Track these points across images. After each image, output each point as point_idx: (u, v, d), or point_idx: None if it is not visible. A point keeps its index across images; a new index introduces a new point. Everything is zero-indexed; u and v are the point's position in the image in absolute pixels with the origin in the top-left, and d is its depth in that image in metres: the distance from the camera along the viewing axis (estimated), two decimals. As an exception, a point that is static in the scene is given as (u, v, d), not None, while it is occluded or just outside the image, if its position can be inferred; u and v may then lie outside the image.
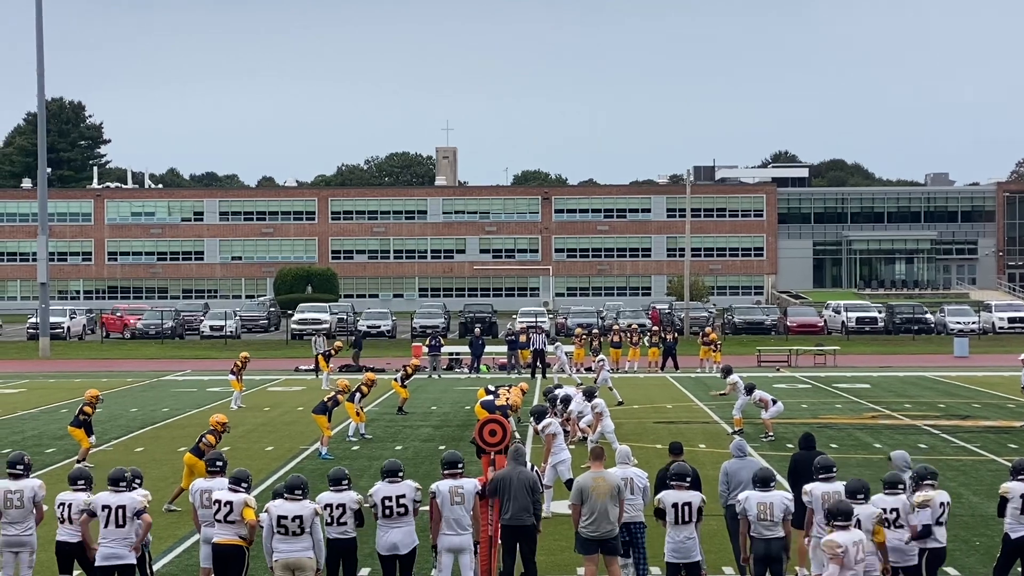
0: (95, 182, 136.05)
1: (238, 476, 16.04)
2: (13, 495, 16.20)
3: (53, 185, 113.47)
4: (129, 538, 15.84)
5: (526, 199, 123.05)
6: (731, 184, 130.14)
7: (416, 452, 30.90)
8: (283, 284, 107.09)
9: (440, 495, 16.25)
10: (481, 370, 56.71)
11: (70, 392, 47.41)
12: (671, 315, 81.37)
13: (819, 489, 16.33)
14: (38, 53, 70.51)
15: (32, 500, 16.36)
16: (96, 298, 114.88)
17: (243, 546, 15.81)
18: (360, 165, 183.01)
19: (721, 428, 35.84)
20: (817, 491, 16.32)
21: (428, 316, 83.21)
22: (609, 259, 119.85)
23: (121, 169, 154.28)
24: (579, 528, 16.94)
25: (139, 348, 74.12)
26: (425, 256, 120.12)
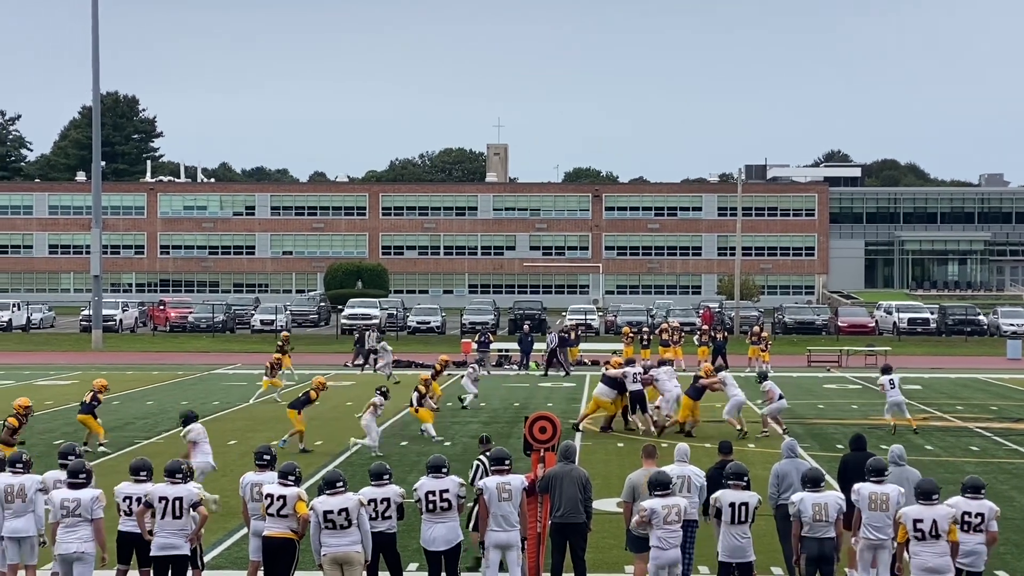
0: (148, 176, 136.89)
1: (286, 470, 16.10)
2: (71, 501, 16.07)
3: (107, 178, 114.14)
4: (184, 529, 15.93)
5: (576, 196, 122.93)
6: (783, 183, 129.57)
7: (465, 448, 30.93)
8: (333, 279, 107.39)
9: (488, 491, 16.26)
10: (530, 367, 56.69)
11: (122, 384, 47.73)
12: (721, 314, 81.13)
13: (867, 489, 16.28)
14: (94, 48, 70.94)
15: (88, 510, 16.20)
16: (148, 291, 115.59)
17: (294, 539, 15.88)
18: (413, 159, 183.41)
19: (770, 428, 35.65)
20: (865, 491, 16.27)
21: (478, 312, 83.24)
22: (659, 257, 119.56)
23: (174, 163, 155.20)
24: (630, 526, 16.90)
25: (190, 341, 74.52)
26: (475, 252, 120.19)
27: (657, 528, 16.07)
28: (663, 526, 16.05)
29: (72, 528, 15.84)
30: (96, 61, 71.29)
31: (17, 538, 16.32)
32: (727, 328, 70.03)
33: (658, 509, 16.08)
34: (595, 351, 60.49)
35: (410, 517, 17.98)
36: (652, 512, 16.08)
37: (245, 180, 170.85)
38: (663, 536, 16.07)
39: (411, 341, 73.09)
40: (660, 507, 16.09)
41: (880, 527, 16.32)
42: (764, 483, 18.81)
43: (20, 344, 72.69)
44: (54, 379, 50.97)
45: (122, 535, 16.42)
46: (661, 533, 16.07)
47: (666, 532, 16.07)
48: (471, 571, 17.83)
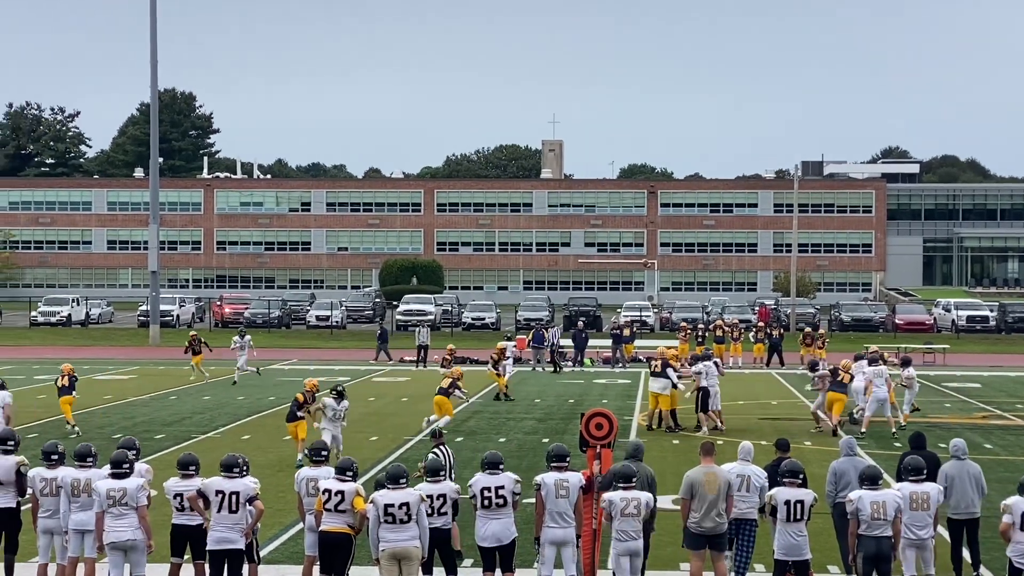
0: (205, 172, 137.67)
1: (344, 465, 16.15)
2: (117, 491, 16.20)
3: (164, 175, 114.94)
4: (241, 524, 16.00)
5: (631, 193, 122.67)
6: (840, 179, 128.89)
7: (520, 445, 30.93)
8: (389, 275, 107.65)
9: (545, 487, 16.26)
10: (585, 363, 56.67)
11: (179, 379, 48.06)
12: (777, 311, 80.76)
13: (908, 489, 16.19)
14: (152, 45, 71.40)
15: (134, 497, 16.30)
16: (205, 287, 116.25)
17: (351, 534, 15.93)
18: (468, 155, 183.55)
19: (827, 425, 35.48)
20: (906, 491, 16.18)
21: (532, 309, 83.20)
22: (715, 254, 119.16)
23: (230, 159, 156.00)
24: (688, 523, 16.86)
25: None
26: (530, 249, 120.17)
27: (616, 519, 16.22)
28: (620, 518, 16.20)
29: (120, 517, 16.01)
30: (154, 58, 71.76)
31: (81, 531, 16.48)
32: (783, 325, 69.75)
33: (616, 500, 16.23)
34: (650, 348, 60.33)
35: (463, 513, 18.00)
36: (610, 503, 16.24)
37: (301, 176, 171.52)
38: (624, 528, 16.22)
39: (466, 337, 73.15)
40: (618, 499, 16.23)
41: (921, 526, 16.23)
42: (821, 481, 18.71)
43: (79, 339, 73.32)
44: (112, 374, 51.35)
45: (176, 528, 16.53)
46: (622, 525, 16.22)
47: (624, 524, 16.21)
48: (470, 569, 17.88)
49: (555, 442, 18.25)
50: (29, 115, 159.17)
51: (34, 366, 54.12)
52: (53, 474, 16.71)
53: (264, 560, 18.23)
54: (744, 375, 52.44)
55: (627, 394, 44.46)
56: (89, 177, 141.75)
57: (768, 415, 37.37)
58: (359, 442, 31.32)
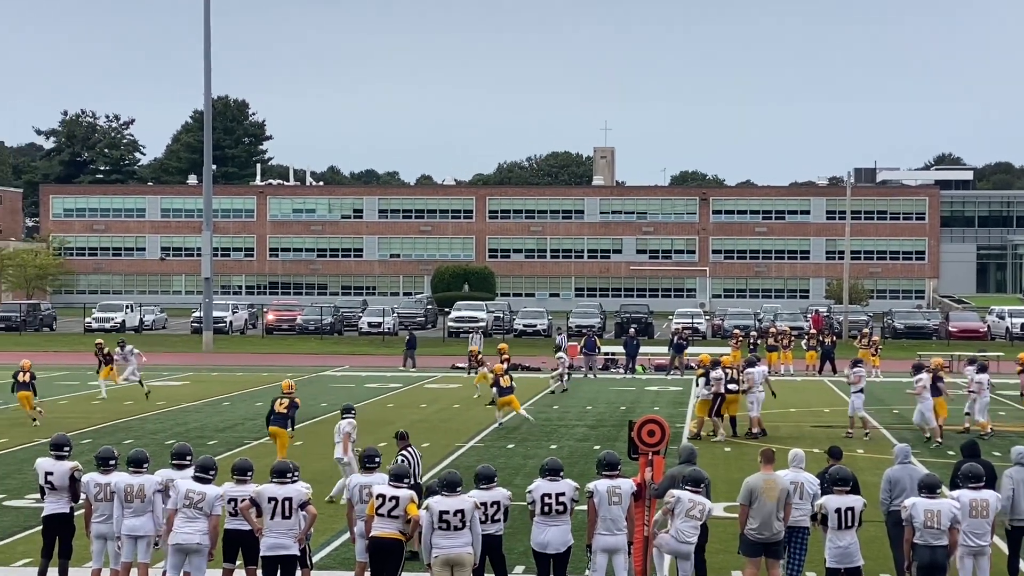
0: (258, 179, 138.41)
1: (401, 472, 16.15)
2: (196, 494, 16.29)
3: (217, 182, 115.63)
4: (294, 529, 16.04)
5: (683, 199, 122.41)
6: (893, 186, 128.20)
7: (571, 451, 30.88)
8: (440, 282, 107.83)
9: (598, 495, 16.23)
10: (637, 370, 56.57)
11: (232, 385, 48.27)
12: (830, 318, 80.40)
13: (967, 496, 16.05)
14: (205, 53, 71.82)
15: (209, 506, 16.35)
16: (257, 293, 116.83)
17: (402, 540, 15.94)
18: (520, 162, 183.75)
19: (879, 433, 35.31)
20: (965, 498, 16.04)
21: (584, 316, 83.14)
22: (767, 261, 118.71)
23: (283, 166, 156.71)
24: (745, 530, 16.79)
25: (298, 343, 75.17)
26: (582, 256, 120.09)
27: (678, 517, 16.23)
28: (684, 517, 16.25)
29: (192, 520, 16.06)
30: (208, 66, 72.17)
31: (134, 536, 16.57)
32: (836, 333, 69.41)
33: (684, 500, 16.28)
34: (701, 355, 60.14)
35: (513, 519, 17.99)
36: (677, 500, 16.30)
37: (353, 183, 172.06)
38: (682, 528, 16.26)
39: (517, 344, 73.10)
40: (687, 499, 16.29)
41: (980, 533, 16.09)
42: (873, 489, 18.58)
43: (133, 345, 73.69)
44: (166, 380, 51.62)
45: (228, 533, 16.59)
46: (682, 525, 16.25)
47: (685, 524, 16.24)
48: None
49: (606, 449, 18.22)
50: (84, 122, 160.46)
51: (88, 372, 54.46)
52: (107, 479, 16.81)
53: (316, 566, 18.26)
54: (796, 382, 52.18)
55: (678, 401, 44.35)
56: (143, 184, 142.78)
57: (820, 423, 37.14)
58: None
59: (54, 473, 17.33)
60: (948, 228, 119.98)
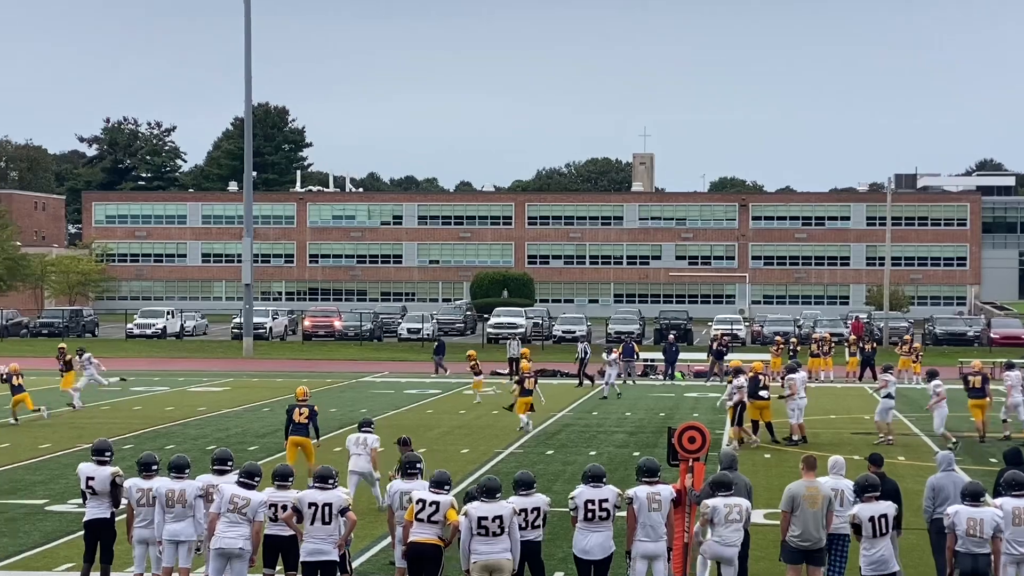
0: (298, 186, 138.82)
1: (441, 479, 16.16)
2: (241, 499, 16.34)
3: (258, 188, 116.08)
4: (334, 535, 16.08)
5: (723, 206, 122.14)
6: (933, 192, 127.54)
7: (610, 458, 30.85)
8: (479, 288, 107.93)
9: (638, 501, 16.21)
10: (676, 377, 56.49)
11: (273, 391, 48.43)
12: (870, 325, 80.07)
13: (1010, 504, 15.95)
14: (246, 60, 72.17)
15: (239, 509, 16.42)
16: (297, 299, 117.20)
17: (441, 545, 15.96)
18: (559, 169, 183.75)
19: (920, 440, 35.18)
20: (1008, 507, 15.94)
21: (623, 322, 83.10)
22: (807, 267, 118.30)
23: (323, 173, 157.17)
24: (787, 537, 16.74)
25: (338, 349, 75.36)
26: (621, 262, 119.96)
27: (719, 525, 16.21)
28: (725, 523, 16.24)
29: (235, 524, 16.11)
30: (248, 73, 72.51)
31: (175, 541, 16.66)
32: (876, 339, 69.14)
33: (720, 507, 16.25)
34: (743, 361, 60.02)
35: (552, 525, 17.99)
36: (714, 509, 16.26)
37: (392, 190, 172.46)
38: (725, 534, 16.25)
39: (556, 350, 73.17)
40: (722, 505, 16.26)
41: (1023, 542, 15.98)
42: (915, 496, 18.49)
43: (174, 351, 74.17)
44: (207, 385, 51.87)
45: (268, 539, 16.65)
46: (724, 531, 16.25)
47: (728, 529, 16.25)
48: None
49: (646, 455, 18.19)
50: (126, 130, 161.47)
51: (130, 377, 54.79)
52: (149, 484, 16.91)
53: (356, 572, 18.31)
54: (836, 389, 52.01)
55: (718, 407, 44.24)
56: (184, 191, 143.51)
57: (861, 429, 36.99)
58: (450, 454, 31.40)
59: (95, 478, 17.44)
60: (989, 234, 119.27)
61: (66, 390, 42.43)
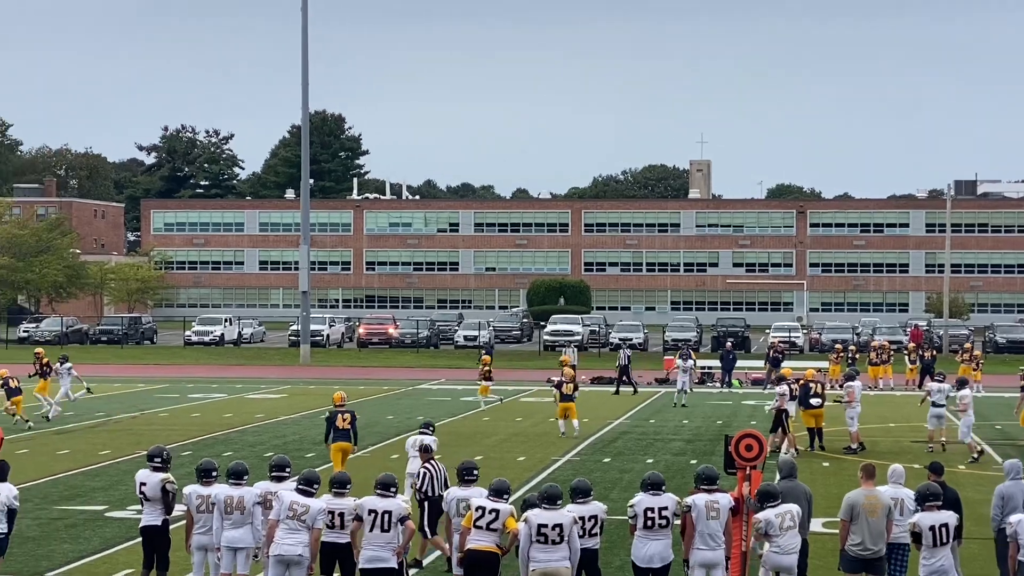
0: (355, 193, 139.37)
1: (501, 488, 16.13)
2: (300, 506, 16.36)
3: (315, 196, 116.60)
4: (393, 543, 16.08)
5: (780, 213, 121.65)
6: (994, 199, 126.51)
7: (668, 466, 30.73)
8: (536, 295, 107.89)
9: (696, 509, 16.14)
10: (733, 384, 56.25)
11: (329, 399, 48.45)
12: (929, 332, 79.42)
13: None
14: (303, 69, 72.46)
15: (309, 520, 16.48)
16: (354, 307, 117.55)
17: (498, 553, 15.92)
18: (616, 176, 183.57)
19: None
20: None
21: (680, 329, 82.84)
22: (865, 274, 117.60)
23: (379, 180, 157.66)
24: (846, 546, 16.62)
25: (395, 357, 75.49)
26: (678, 269, 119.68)
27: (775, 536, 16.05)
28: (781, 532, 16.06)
29: (294, 531, 16.12)
30: (305, 80, 72.81)
31: (234, 548, 16.72)
32: (936, 347, 68.54)
33: (772, 519, 16.07)
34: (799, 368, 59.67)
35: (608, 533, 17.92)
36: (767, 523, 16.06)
37: (449, 197, 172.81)
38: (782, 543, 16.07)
39: (612, 358, 72.93)
40: (773, 516, 16.09)
41: None
42: (976, 505, 18.30)
43: (232, 358, 74.48)
44: (264, 393, 52.04)
45: (325, 546, 16.68)
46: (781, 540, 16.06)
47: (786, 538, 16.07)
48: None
49: (703, 463, 18.10)
50: (184, 138, 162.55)
51: (188, 384, 55.12)
52: (208, 491, 16.98)
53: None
54: (895, 397, 51.62)
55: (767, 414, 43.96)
56: (242, 198, 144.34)
57: (920, 438, 36.68)
58: (507, 462, 31.37)
59: (147, 484, 17.56)
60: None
61: (39, 395, 41.11)
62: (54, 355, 44.60)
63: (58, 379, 41.98)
